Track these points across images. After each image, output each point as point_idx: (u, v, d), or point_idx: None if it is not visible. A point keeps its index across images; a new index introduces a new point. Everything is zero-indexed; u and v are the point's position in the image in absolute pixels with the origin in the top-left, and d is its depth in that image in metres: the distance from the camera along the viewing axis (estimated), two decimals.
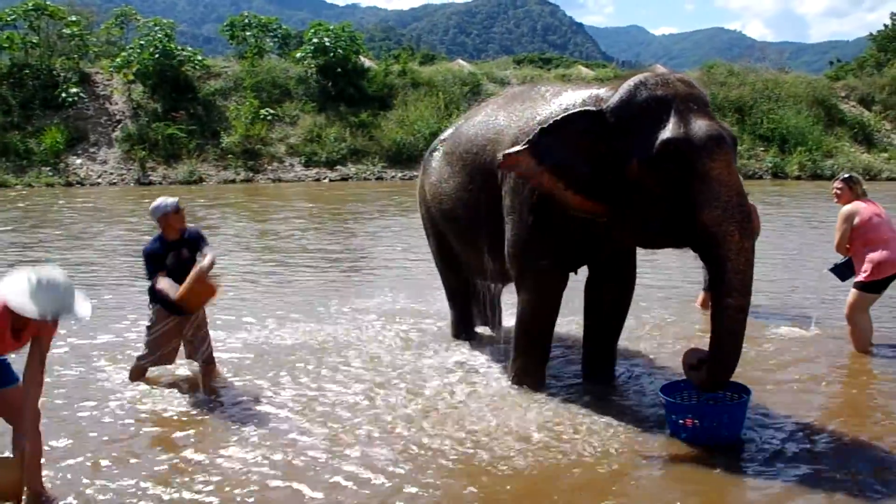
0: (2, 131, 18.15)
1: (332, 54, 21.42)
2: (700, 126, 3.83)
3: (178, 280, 4.70)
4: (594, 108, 4.11)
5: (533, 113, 4.58)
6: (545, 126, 4.11)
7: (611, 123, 4.02)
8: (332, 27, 22.63)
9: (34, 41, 20.28)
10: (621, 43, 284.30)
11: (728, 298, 3.67)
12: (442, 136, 5.67)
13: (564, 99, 4.50)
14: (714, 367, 3.82)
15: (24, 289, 3.03)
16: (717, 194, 3.72)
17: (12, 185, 16.88)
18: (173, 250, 4.79)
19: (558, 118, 4.12)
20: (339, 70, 21.40)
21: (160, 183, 17.93)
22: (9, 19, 20.35)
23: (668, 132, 3.83)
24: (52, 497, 3.43)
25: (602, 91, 4.33)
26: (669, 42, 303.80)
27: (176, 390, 4.84)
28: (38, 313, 3.02)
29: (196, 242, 4.87)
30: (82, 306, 3.14)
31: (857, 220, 5.43)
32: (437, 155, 5.48)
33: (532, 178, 4.13)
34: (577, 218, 4.24)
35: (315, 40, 21.61)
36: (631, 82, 4.08)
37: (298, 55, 22.07)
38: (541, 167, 4.07)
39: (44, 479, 3.50)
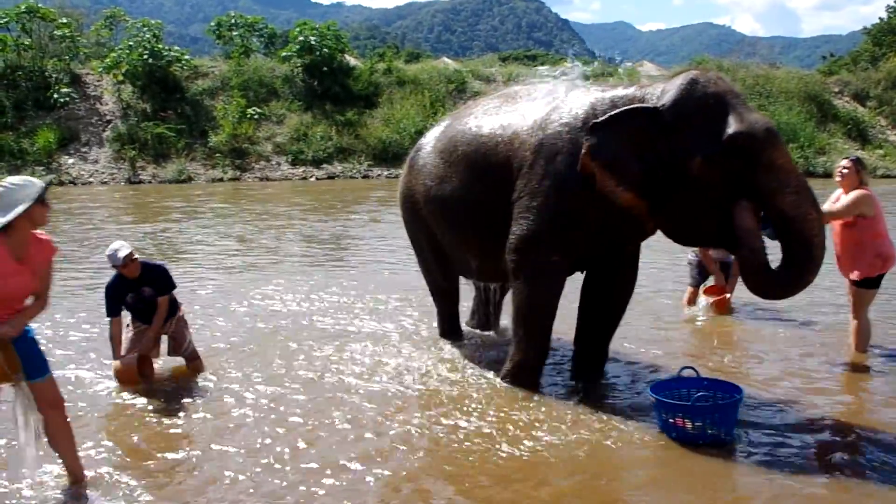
0: None
1: (317, 53, 21.77)
2: (757, 119, 3.96)
3: (141, 318, 4.93)
4: (652, 106, 4.09)
5: (553, 115, 4.52)
6: (597, 122, 4.09)
7: (667, 121, 4.02)
8: (317, 26, 22.94)
9: (26, 43, 20.60)
10: (607, 39, 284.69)
11: (809, 276, 3.93)
12: (430, 135, 5.49)
13: (587, 99, 4.47)
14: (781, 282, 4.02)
15: (1, 195, 3.15)
16: (788, 181, 3.90)
17: None
18: (134, 289, 4.87)
19: (613, 114, 4.09)
20: (325, 69, 21.76)
21: (150, 182, 18.28)
22: (1, 22, 20.66)
23: (732, 127, 3.90)
24: (86, 483, 3.54)
25: (632, 90, 4.34)
26: (657, 38, 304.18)
27: (162, 386, 4.87)
28: (28, 200, 3.16)
29: (159, 282, 4.92)
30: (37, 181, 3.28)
31: (873, 211, 5.06)
32: (427, 154, 5.29)
33: (600, 180, 4.10)
34: (599, 218, 4.32)
35: (301, 39, 21.95)
36: (682, 80, 4.09)
37: (284, 54, 22.41)
38: (593, 163, 4.07)
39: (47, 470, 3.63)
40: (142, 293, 4.90)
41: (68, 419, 3.55)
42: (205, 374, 5.05)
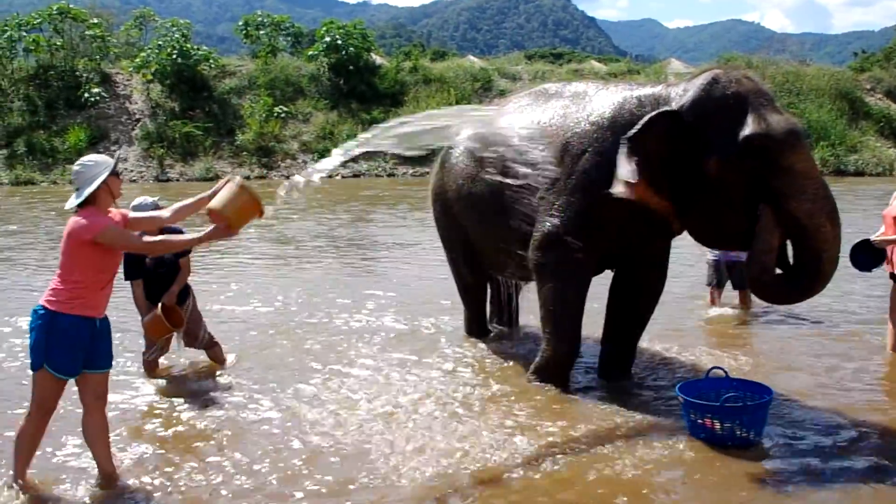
0: (28, 130, 18.84)
1: (343, 52, 21.84)
2: (778, 121, 3.87)
3: (157, 282, 4.81)
4: (673, 108, 4.06)
5: (581, 114, 4.51)
6: (631, 136, 4.00)
7: (688, 122, 3.99)
8: (343, 25, 23.04)
9: (58, 43, 20.95)
10: (634, 37, 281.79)
11: (816, 286, 3.92)
12: (461, 133, 5.44)
13: (614, 98, 4.43)
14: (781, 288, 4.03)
15: (79, 173, 3.44)
16: (804, 187, 3.80)
17: (38, 182, 17.50)
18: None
19: (642, 124, 4.01)
20: (351, 67, 21.84)
21: (178, 180, 18.46)
22: (35, 23, 21.05)
23: (748, 129, 3.84)
24: (119, 477, 3.61)
25: (658, 89, 4.33)
26: (684, 35, 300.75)
27: (184, 377, 5.02)
28: (105, 172, 3.41)
29: None
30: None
31: None
32: (459, 152, 5.32)
33: (634, 193, 3.99)
34: (622, 217, 4.26)
35: (327, 38, 22.04)
36: (703, 80, 4.06)
37: (311, 53, 22.51)
38: (639, 178, 3.96)
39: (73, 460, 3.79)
40: (162, 256, 4.82)
41: (106, 417, 3.62)
42: (219, 370, 5.07)
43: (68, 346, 3.38)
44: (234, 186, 3.48)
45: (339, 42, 21.88)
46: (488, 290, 5.90)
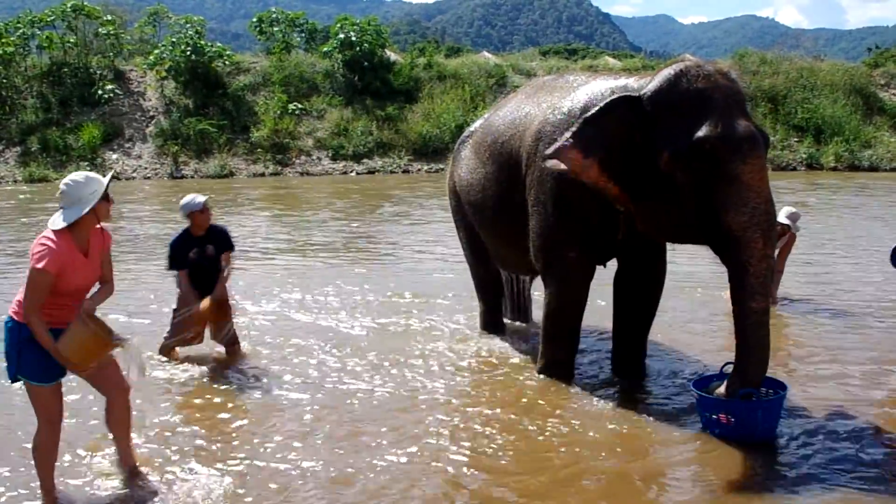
0: (42, 128, 18.83)
1: (358, 48, 21.71)
2: (735, 126, 3.73)
3: (201, 274, 5.07)
4: (633, 95, 3.98)
5: (560, 103, 4.49)
6: (588, 116, 3.98)
7: (647, 112, 3.91)
8: (357, 21, 22.88)
9: (72, 41, 20.96)
10: (649, 33, 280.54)
11: (750, 302, 3.68)
12: (472, 128, 5.66)
13: (592, 88, 4.39)
14: (746, 371, 3.77)
15: (66, 193, 3.27)
16: (746, 199, 3.66)
17: (52, 179, 17.45)
18: (198, 245, 5.08)
19: (600, 106, 3.98)
20: (366, 64, 21.71)
21: (192, 177, 18.38)
22: (48, 20, 21.06)
23: (702, 130, 3.71)
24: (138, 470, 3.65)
25: (631, 80, 4.26)
26: (699, 31, 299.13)
27: (202, 369, 5.06)
28: (93, 198, 3.23)
29: (221, 241, 5.13)
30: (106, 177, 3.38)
31: None
32: (467, 146, 5.47)
33: (580, 173, 3.99)
34: (604, 209, 4.19)
35: (341, 35, 21.91)
36: (671, 71, 3.95)
37: (325, 50, 22.39)
38: (589, 159, 3.94)
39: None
40: (205, 251, 5.10)
41: (130, 405, 3.64)
42: (249, 359, 5.21)
43: (40, 354, 3.27)
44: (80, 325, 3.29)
45: (354, 38, 21.74)
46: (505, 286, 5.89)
